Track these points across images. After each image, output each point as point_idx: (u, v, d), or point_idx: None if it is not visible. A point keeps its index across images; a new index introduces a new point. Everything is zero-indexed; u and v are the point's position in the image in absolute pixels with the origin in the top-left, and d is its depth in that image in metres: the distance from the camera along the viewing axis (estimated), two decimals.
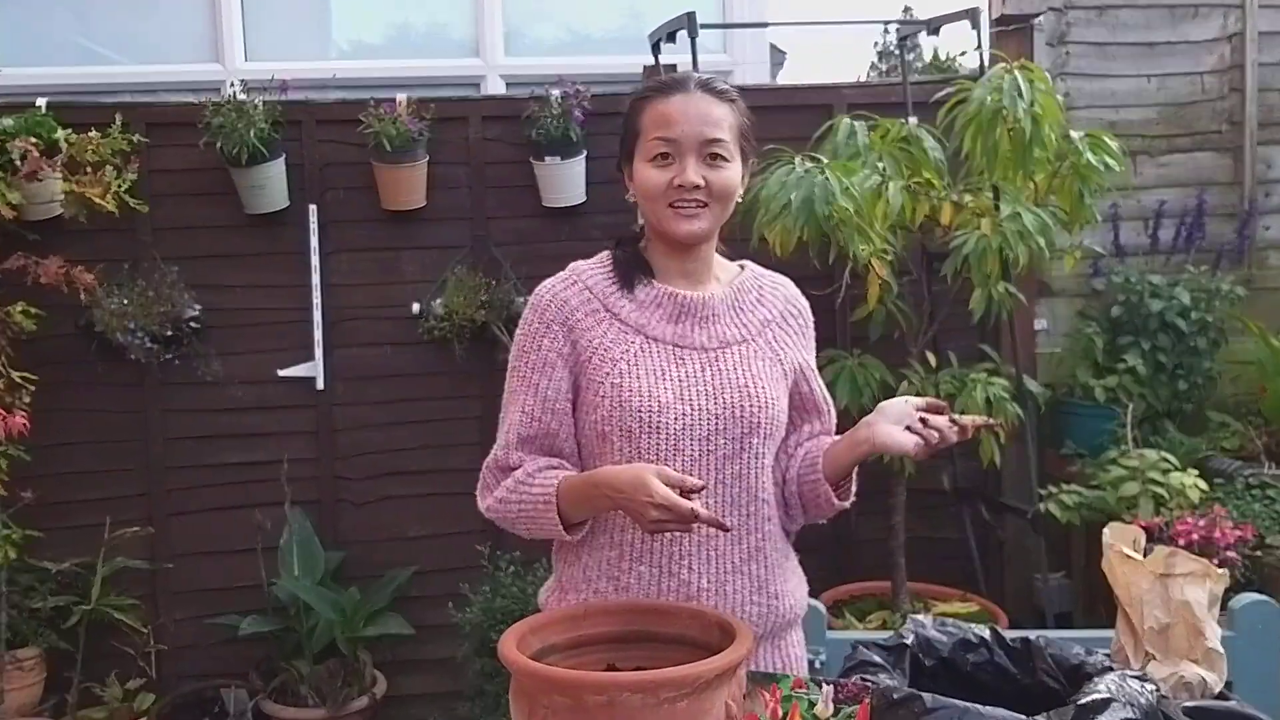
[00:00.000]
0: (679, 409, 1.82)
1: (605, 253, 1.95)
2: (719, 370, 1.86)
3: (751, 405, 1.85)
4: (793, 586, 1.98)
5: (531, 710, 1.47)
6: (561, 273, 1.93)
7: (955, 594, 4.02)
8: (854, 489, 2.01)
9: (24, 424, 3.47)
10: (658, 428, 1.81)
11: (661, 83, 1.88)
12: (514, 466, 1.88)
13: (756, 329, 1.93)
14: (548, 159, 3.98)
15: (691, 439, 1.82)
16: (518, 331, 1.92)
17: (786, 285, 2.03)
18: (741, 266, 2.02)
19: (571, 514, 1.83)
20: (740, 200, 1.92)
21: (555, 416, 1.87)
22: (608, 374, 1.84)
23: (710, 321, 1.89)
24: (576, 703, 1.42)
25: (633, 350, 1.85)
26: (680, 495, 1.67)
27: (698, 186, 1.81)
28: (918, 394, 3.62)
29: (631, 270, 1.90)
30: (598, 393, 1.84)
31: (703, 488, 1.71)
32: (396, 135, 3.86)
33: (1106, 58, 4.54)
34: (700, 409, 1.82)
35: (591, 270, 1.92)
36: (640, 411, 1.81)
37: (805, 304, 2.04)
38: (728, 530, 1.78)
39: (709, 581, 1.84)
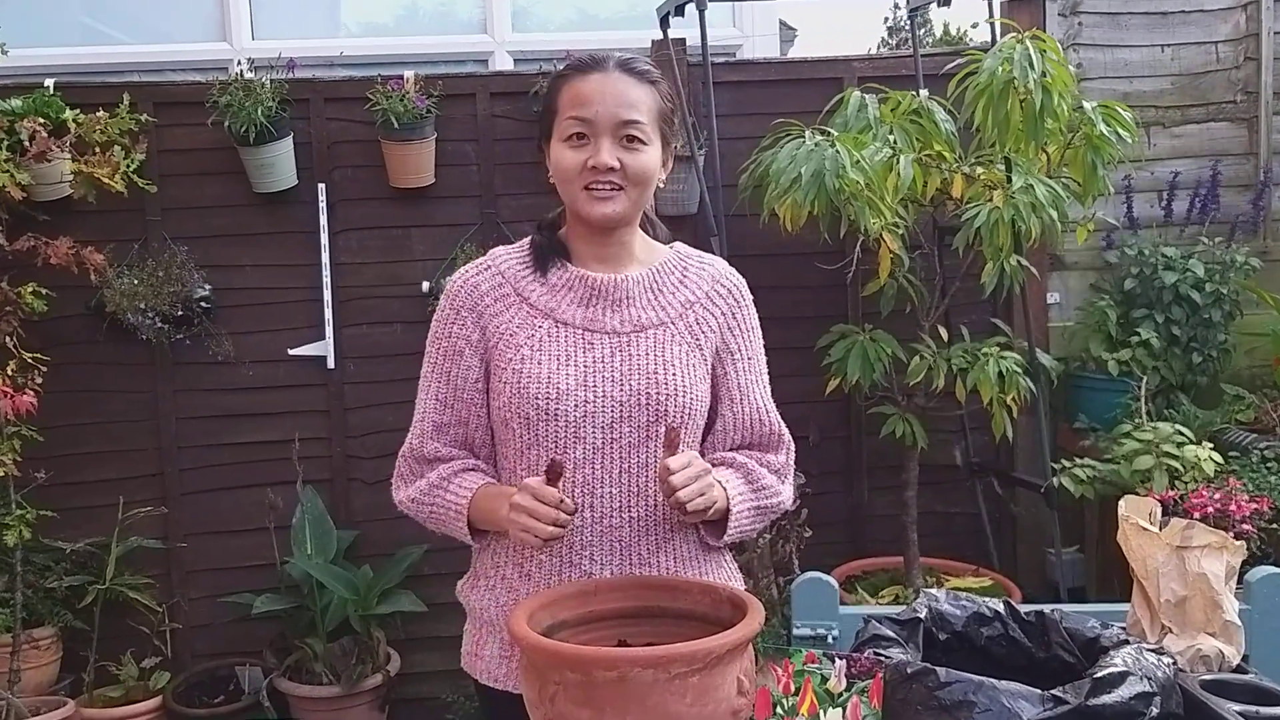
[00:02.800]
0: (580, 395, 1.77)
1: (528, 238, 1.91)
2: (629, 355, 1.80)
3: (660, 393, 1.78)
4: (712, 580, 1.88)
5: (542, 686, 1.47)
6: (480, 258, 1.90)
7: (968, 568, 4.03)
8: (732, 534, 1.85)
9: (32, 403, 3.48)
10: (556, 415, 1.77)
11: (580, 61, 1.81)
12: (430, 457, 1.88)
13: (677, 311, 1.85)
14: None
15: (594, 426, 1.77)
16: (433, 318, 1.90)
17: (716, 264, 1.93)
18: (672, 248, 1.94)
19: (479, 523, 1.84)
20: (661, 184, 1.85)
21: (465, 405, 1.86)
22: (510, 359, 1.80)
23: (624, 304, 1.83)
24: (587, 678, 1.42)
25: (538, 335, 1.81)
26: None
27: (612, 169, 1.74)
28: (929, 370, 3.65)
29: (546, 254, 1.86)
30: (501, 378, 1.81)
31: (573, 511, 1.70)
32: (404, 112, 3.85)
33: (1119, 27, 4.50)
34: (605, 396, 1.77)
35: (508, 255, 1.88)
36: (538, 399, 1.77)
37: (738, 281, 1.94)
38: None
39: (612, 573, 1.79)
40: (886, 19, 12.43)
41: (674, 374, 1.80)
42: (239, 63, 4.09)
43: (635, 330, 1.82)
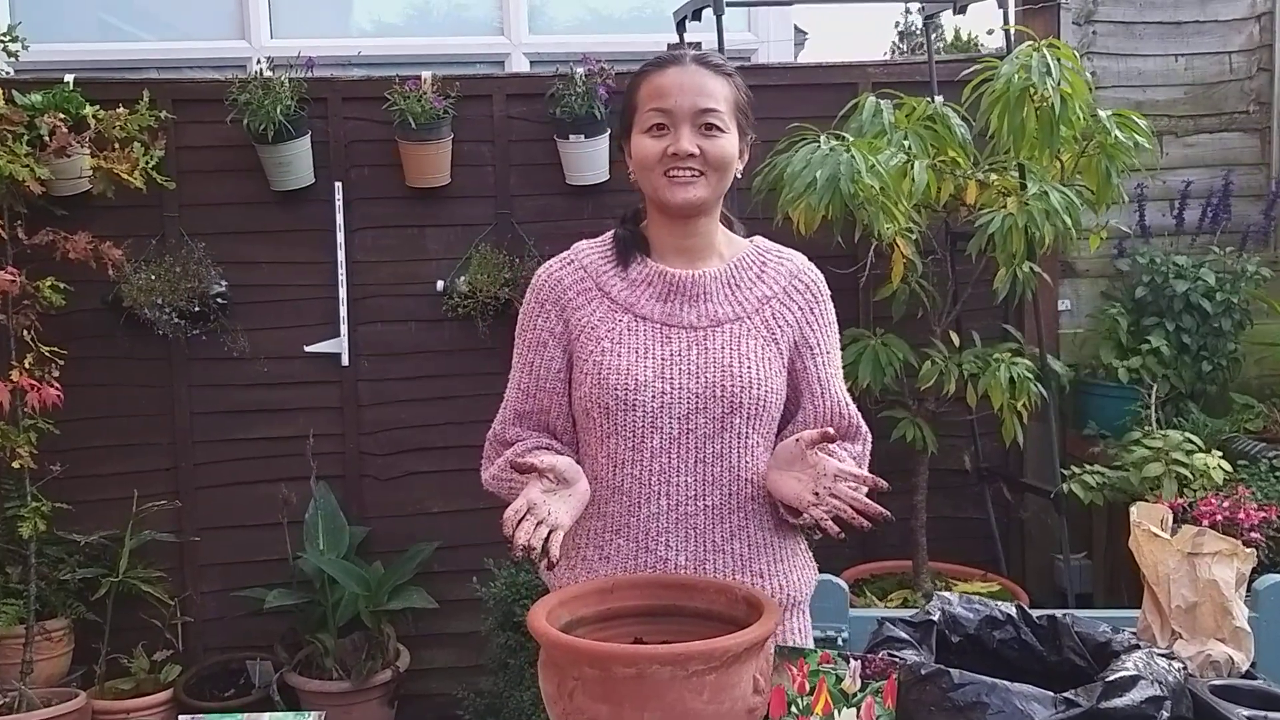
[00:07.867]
0: (657, 387, 1.82)
1: (610, 232, 1.97)
2: (705, 349, 1.85)
3: (734, 384, 1.83)
4: (787, 568, 1.93)
5: (561, 682, 1.49)
6: (564, 252, 1.96)
7: (976, 573, 4.02)
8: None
9: (58, 396, 3.52)
10: (634, 405, 1.82)
11: (659, 58, 1.90)
12: (511, 441, 1.94)
13: (753, 306, 1.90)
14: (571, 137, 3.98)
15: (670, 417, 1.83)
16: (520, 311, 1.97)
17: (794, 259, 1.98)
18: (752, 241, 1.99)
19: None
20: (739, 175, 1.91)
21: (548, 394, 1.92)
22: (591, 351, 1.86)
23: (701, 300, 1.88)
24: (606, 674, 1.44)
25: (619, 328, 1.86)
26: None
27: (692, 155, 1.81)
28: (940, 375, 3.66)
29: (628, 248, 1.92)
30: (583, 370, 1.87)
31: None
32: (421, 112, 3.87)
33: (1134, 37, 4.50)
34: (680, 387, 1.83)
35: (590, 249, 1.95)
36: (617, 389, 1.82)
37: (816, 276, 1.97)
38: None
39: (687, 559, 1.84)
40: (897, 23, 12.38)
41: (748, 367, 1.84)
42: (257, 61, 4.11)
43: (711, 325, 1.87)
